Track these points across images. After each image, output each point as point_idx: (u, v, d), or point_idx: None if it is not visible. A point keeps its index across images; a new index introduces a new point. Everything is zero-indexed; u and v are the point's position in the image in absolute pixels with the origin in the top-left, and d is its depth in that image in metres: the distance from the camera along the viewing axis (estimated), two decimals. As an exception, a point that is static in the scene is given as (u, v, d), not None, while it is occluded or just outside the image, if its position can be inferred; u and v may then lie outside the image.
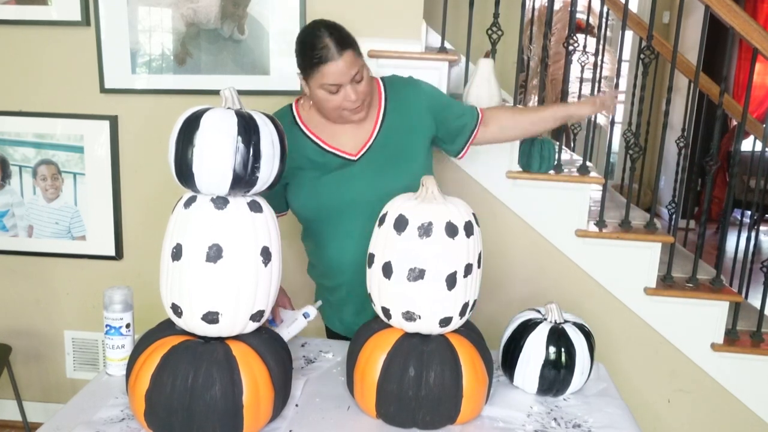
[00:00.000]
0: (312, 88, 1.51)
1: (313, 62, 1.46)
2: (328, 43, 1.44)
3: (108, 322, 1.39)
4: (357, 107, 1.52)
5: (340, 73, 1.45)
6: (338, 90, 1.48)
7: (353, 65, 1.47)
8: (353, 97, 1.49)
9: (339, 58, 1.44)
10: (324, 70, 1.45)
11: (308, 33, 1.49)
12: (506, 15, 2.42)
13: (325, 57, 1.44)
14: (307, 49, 1.47)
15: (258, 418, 1.17)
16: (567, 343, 1.37)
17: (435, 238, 1.20)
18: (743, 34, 2.09)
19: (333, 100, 1.50)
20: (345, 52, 1.45)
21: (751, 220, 3.07)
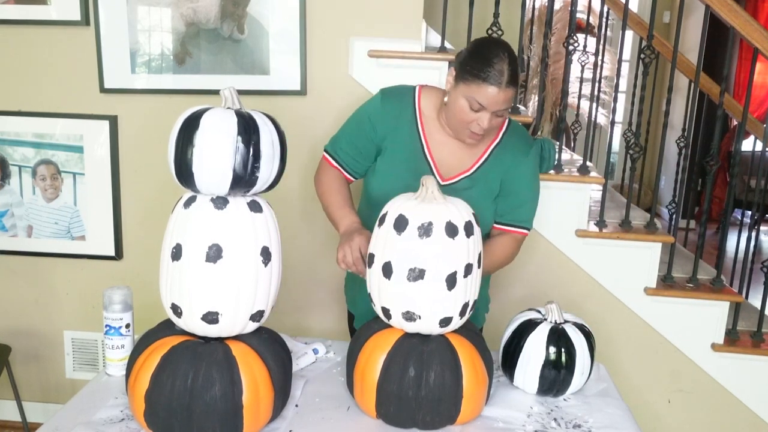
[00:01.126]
0: (457, 92, 1.47)
1: (479, 74, 1.42)
2: (504, 69, 1.41)
3: (108, 322, 1.39)
4: (478, 135, 1.51)
5: (494, 100, 1.43)
6: (478, 111, 1.45)
7: (506, 102, 1.45)
8: (485, 125, 1.46)
9: (503, 88, 1.42)
10: (483, 88, 1.42)
11: (492, 46, 1.45)
12: (506, 15, 2.41)
13: (493, 78, 1.41)
14: (482, 60, 1.43)
15: (258, 418, 1.17)
16: (567, 343, 1.37)
17: (435, 238, 1.20)
18: (744, 34, 2.09)
19: (467, 115, 1.47)
20: (510, 88, 1.43)
21: (752, 220, 3.07)
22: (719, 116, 2.26)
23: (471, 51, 1.48)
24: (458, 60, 1.49)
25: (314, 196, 2.23)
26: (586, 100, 3.41)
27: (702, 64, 2.27)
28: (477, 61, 1.44)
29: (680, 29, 2.20)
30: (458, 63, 1.49)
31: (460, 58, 1.49)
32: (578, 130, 3.09)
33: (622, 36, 2.31)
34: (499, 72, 1.41)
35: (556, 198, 2.18)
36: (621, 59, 2.60)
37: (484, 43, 1.49)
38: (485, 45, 1.47)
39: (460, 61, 1.48)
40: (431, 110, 1.60)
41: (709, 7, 2.10)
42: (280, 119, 1.25)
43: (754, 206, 2.74)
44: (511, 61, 1.43)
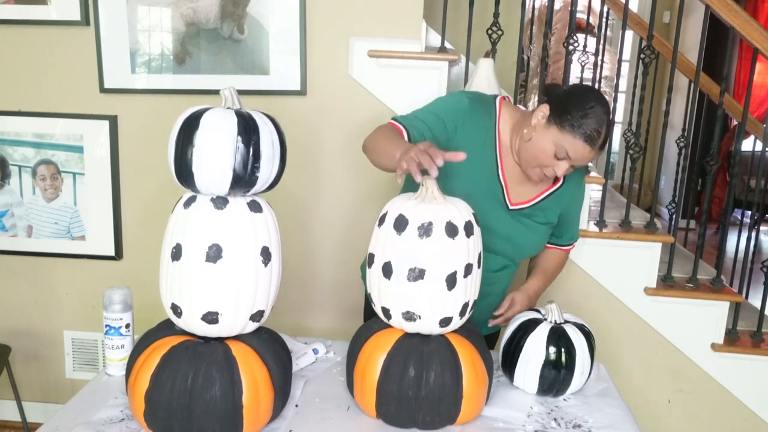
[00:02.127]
0: (547, 134, 1.43)
1: (574, 128, 1.40)
2: (602, 131, 1.40)
3: (108, 322, 1.39)
4: (546, 178, 1.51)
5: (582, 157, 1.43)
6: (561, 159, 1.44)
7: (588, 160, 1.45)
8: (557, 174, 1.47)
9: (592, 149, 1.42)
10: (573, 142, 1.41)
11: (596, 104, 1.41)
12: (506, 15, 2.41)
13: (591, 138, 1.40)
14: (584, 115, 1.40)
15: (258, 418, 1.17)
16: (567, 343, 1.37)
17: (435, 238, 1.20)
18: (744, 34, 2.09)
19: (548, 159, 1.45)
20: (598, 150, 1.43)
21: (752, 220, 3.06)
22: (719, 116, 2.26)
23: (573, 100, 1.43)
24: (556, 101, 1.44)
25: (314, 196, 2.25)
26: (586, 100, 3.40)
27: (702, 64, 2.27)
28: (578, 114, 1.40)
29: (680, 29, 2.20)
30: (556, 106, 1.43)
31: (558, 101, 1.44)
32: (578, 130, 3.09)
33: (622, 36, 2.31)
34: (598, 133, 1.40)
35: (556, 198, 2.18)
36: (621, 59, 2.60)
37: (587, 96, 1.43)
38: (589, 99, 1.42)
39: (559, 104, 1.43)
40: (506, 130, 1.56)
41: (709, 7, 2.10)
42: (280, 119, 1.25)
43: (754, 206, 2.74)
44: (608, 125, 1.42)
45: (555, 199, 1.62)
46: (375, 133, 1.52)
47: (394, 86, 2.14)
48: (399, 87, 2.14)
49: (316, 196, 2.25)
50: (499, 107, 1.57)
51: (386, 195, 1.71)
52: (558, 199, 1.62)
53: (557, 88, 1.52)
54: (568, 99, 1.43)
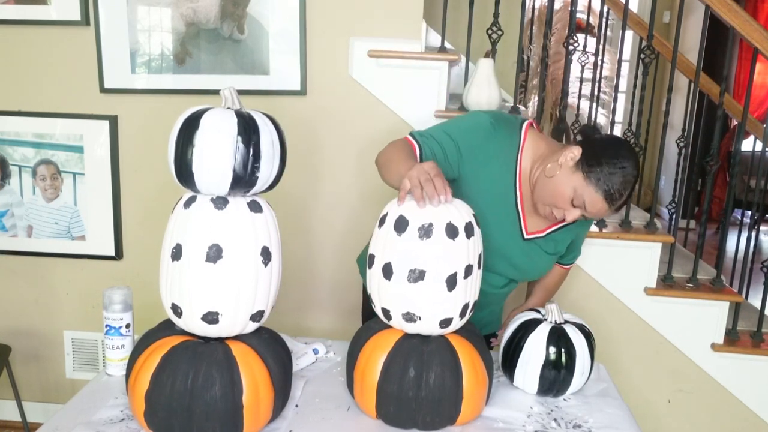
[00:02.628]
0: (572, 178, 1.39)
1: (599, 182, 1.37)
2: (623, 194, 1.38)
3: (108, 322, 1.39)
4: (552, 218, 1.48)
5: (594, 210, 1.40)
6: (572, 206, 1.42)
7: (601, 216, 1.45)
8: (566, 219, 1.44)
9: (609, 208, 1.40)
10: (594, 196, 1.38)
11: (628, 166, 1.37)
12: (506, 15, 2.41)
13: (609, 195, 1.37)
14: (611, 171, 1.37)
15: (258, 418, 1.17)
16: (567, 343, 1.37)
17: (435, 239, 1.20)
18: (744, 34, 2.09)
19: (563, 202, 1.41)
20: (614, 210, 1.42)
21: (752, 220, 3.06)
22: (719, 116, 2.26)
23: (606, 152, 1.39)
24: (589, 148, 1.41)
25: (314, 196, 2.25)
26: (586, 100, 3.41)
27: (702, 64, 2.27)
28: (608, 169, 1.37)
29: (680, 29, 2.20)
30: (589, 153, 1.39)
31: (592, 149, 1.40)
32: (578, 130, 3.09)
33: (622, 36, 2.31)
34: (620, 194, 1.38)
35: (556, 198, 2.18)
36: (621, 59, 2.60)
37: (621, 153, 1.39)
38: (622, 156, 1.38)
39: (592, 152, 1.39)
40: (528, 158, 1.51)
41: (709, 7, 2.10)
42: (280, 119, 1.25)
43: (754, 206, 2.74)
44: (633, 187, 1.40)
45: (567, 231, 1.60)
46: (388, 148, 1.49)
47: (394, 86, 2.14)
48: (399, 87, 2.14)
49: (316, 196, 2.25)
50: (525, 133, 1.51)
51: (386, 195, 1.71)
52: (570, 230, 1.61)
53: (593, 132, 1.48)
54: (602, 150, 1.39)
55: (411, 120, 2.15)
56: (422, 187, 1.21)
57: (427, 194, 1.20)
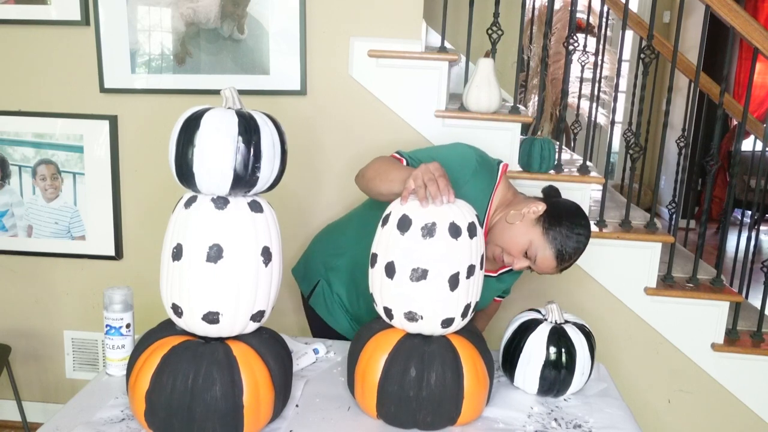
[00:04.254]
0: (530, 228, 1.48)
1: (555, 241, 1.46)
2: (573, 258, 1.48)
3: (108, 322, 1.39)
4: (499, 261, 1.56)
5: (542, 265, 1.49)
6: (523, 257, 1.50)
7: (544, 272, 1.51)
8: (513, 266, 1.52)
9: (555, 267, 1.49)
10: (549, 256, 1.47)
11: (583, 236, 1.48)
12: (506, 15, 2.41)
13: (559, 255, 1.47)
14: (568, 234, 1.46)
15: (258, 418, 1.17)
16: (567, 343, 1.37)
17: (438, 238, 1.20)
18: (744, 34, 2.09)
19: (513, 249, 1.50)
20: (557, 271, 1.51)
21: (752, 219, 3.07)
22: (719, 116, 2.26)
23: (568, 216, 1.48)
24: (553, 208, 1.49)
25: (314, 195, 2.25)
26: (586, 100, 3.41)
27: (702, 64, 2.27)
28: (566, 231, 1.46)
29: (680, 29, 2.20)
30: (552, 212, 1.48)
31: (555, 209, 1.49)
32: (578, 130, 3.10)
33: (622, 36, 2.31)
34: (569, 257, 1.48)
35: (556, 198, 2.18)
36: (621, 59, 2.60)
37: (580, 222, 1.49)
38: (581, 225, 1.48)
39: (555, 212, 1.48)
40: (497, 201, 1.58)
41: (709, 7, 2.10)
42: (280, 119, 1.25)
43: (754, 206, 2.74)
44: (579, 255, 1.49)
45: (514, 274, 1.74)
46: (376, 162, 1.52)
47: (394, 86, 2.14)
48: (399, 87, 2.14)
49: (317, 196, 2.25)
50: (500, 176, 1.59)
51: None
52: (515, 274, 1.74)
53: (556, 194, 1.58)
54: (565, 212, 1.49)
55: (411, 120, 2.16)
56: (426, 187, 1.22)
57: (431, 194, 1.22)
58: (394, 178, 1.39)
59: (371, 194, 1.50)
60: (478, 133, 2.11)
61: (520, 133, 2.19)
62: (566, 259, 1.48)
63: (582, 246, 1.48)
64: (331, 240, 1.81)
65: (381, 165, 1.49)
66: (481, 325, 1.91)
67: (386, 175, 1.43)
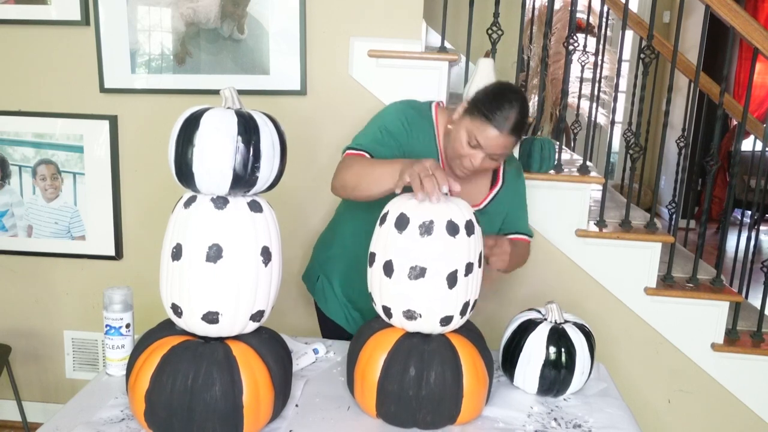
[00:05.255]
0: (462, 123, 1.49)
1: (485, 114, 1.44)
2: (511, 117, 1.43)
3: (108, 322, 1.39)
4: (468, 171, 1.52)
5: (492, 143, 1.45)
6: (475, 148, 1.47)
7: (504, 148, 1.47)
8: (476, 164, 1.49)
9: (504, 134, 1.44)
10: (485, 128, 1.44)
11: (506, 92, 1.47)
12: (506, 15, 2.41)
13: (497, 122, 1.43)
14: (493, 102, 1.45)
15: (258, 418, 1.17)
16: (567, 343, 1.37)
17: (436, 236, 1.20)
18: (744, 34, 2.09)
19: (463, 148, 1.48)
20: (511, 136, 1.45)
21: (752, 219, 3.07)
22: (719, 116, 2.26)
23: (487, 90, 1.49)
24: (477, 97, 1.50)
25: (314, 195, 2.25)
26: (586, 100, 3.42)
27: (702, 64, 2.28)
28: (488, 101, 1.45)
29: (680, 29, 2.20)
30: (476, 101, 1.49)
31: (475, 96, 1.50)
32: (578, 130, 3.10)
33: (622, 36, 2.31)
34: (505, 118, 1.43)
35: (556, 198, 2.18)
36: (621, 59, 2.60)
37: (500, 87, 1.49)
38: (501, 89, 1.48)
39: (475, 98, 1.49)
40: (441, 136, 1.59)
41: (709, 7, 2.10)
42: (280, 119, 1.25)
43: (754, 206, 2.74)
44: (520, 112, 1.44)
45: (500, 201, 1.66)
46: (347, 169, 1.48)
47: (394, 86, 2.14)
48: (399, 87, 2.14)
49: (316, 196, 2.25)
50: (435, 114, 1.60)
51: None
52: (502, 200, 1.66)
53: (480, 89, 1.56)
54: (482, 92, 1.50)
55: (411, 120, 2.15)
56: (422, 183, 1.22)
57: (427, 190, 1.21)
58: (380, 174, 1.37)
59: (360, 200, 1.47)
60: (478, 133, 2.11)
61: (520, 133, 2.18)
62: (503, 122, 1.43)
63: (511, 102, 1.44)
64: (324, 237, 1.87)
65: (358, 169, 1.45)
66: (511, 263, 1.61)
67: (370, 176, 1.40)
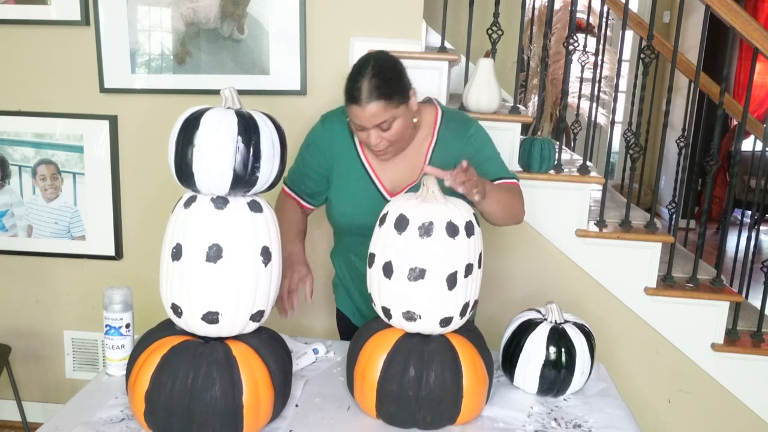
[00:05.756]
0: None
1: (346, 97, 1.43)
2: (363, 86, 1.39)
3: (108, 322, 1.39)
4: (382, 151, 1.50)
5: (362, 118, 1.42)
6: (361, 130, 1.46)
7: (378, 116, 1.41)
8: (372, 142, 1.46)
9: (364, 105, 1.40)
10: (350, 109, 1.43)
11: (357, 65, 1.44)
12: (506, 15, 2.41)
13: (353, 98, 1.41)
14: (347, 83, 1.43)
15: (258, 418, 1.17)
16: (567, 343, 1.37)
17: (436, 237, 1.20)
18: (744, 34, 2.09)
19: (358, 135, 1.50)
20: (373, 102, 1.39)
21: (752, 219, 3.07)
22: (719, 116, 2.26)
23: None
24: None
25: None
26: (586, 100, 3.41)
27: (702, 64, 2.28)
28: (346, 82, 1.44)
29: (680, 29, 2.20)
30: None
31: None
32: (578, 130, 3.10)
33: (622, 36, 2.31)
34: (358, 90, 1.39)
35: (556, 198, 2.18)
36: (621, 59, 2.60)
37: (354, 65, 1.45)
38: (354, 66, 1.45)
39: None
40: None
41: (709, 7, 2.10)
42: (280, 119, 1.25)
43: (754, 206, 2.74)
44: (373, 75, 1.39)
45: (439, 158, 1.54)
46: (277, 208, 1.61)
47: (394, 86, 2.14)
48: (399, 87, 2.13)
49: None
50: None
51: (386, 195, 1.71)
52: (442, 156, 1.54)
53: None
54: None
55: (411, 120, 2.15)
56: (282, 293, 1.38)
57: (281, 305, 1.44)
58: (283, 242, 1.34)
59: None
60: (477, 133, 2.11)
61: (520, 133, 2.19)
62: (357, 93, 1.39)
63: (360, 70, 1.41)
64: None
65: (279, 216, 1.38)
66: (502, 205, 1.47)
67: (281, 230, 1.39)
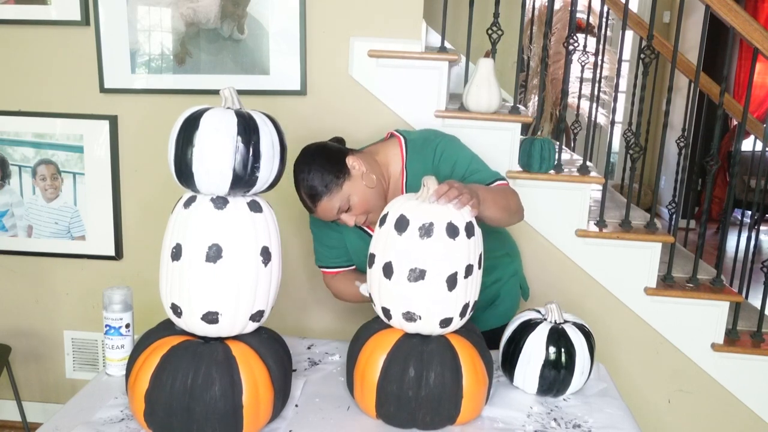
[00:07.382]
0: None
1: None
2: (304, 197, 1.53)
3: (108, 322, 1.39)
4: (365, 223, 1.59)
5: (323, 216, 1.54)
6: (336, 220, 1.56)
7: (332, 209, 1.52)
8: (350, 224, 1.56)
9: (316, 209, 1.52)
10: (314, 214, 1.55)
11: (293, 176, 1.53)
12: (506, 15, 2.41)
13: (306, 206, 1.55)
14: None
15: (258, 418, 1.17)
16: (567, 343, 1.37)
17: (436, 238, 1.20)
18: (744, 34, 2.09)
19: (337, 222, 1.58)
20: (318, 204, 1.51)
21: (752, 220, 3.07)
22: (719, 116, 2.26)
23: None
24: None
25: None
26: (586, 100, 3.42)
27: (702, 64, 2.27)
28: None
29: (680, 29, 2.20)
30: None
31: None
32: (578, 130, 3.10)
33: (622, 36, 2.31)
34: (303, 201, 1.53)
35: (556, 198, 2.18)
36: (621, 59, 2.60)
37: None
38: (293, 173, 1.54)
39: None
40: None
41: (709, 7, 2.10)
42: (280, 119, 1.25)
43: (754, 206, 2.74)
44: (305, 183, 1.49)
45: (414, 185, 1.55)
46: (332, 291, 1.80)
47: (394, 86, 2.14)
48: (399, 87, 2.14)
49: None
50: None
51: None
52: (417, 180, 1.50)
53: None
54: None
55: (411, 120, 2.15)
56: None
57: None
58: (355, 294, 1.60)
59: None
60: (477, 133, 2.11)
61: (520, 133, 2.19)
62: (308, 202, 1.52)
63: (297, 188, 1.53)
64: None
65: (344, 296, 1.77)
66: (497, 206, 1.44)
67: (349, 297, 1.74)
